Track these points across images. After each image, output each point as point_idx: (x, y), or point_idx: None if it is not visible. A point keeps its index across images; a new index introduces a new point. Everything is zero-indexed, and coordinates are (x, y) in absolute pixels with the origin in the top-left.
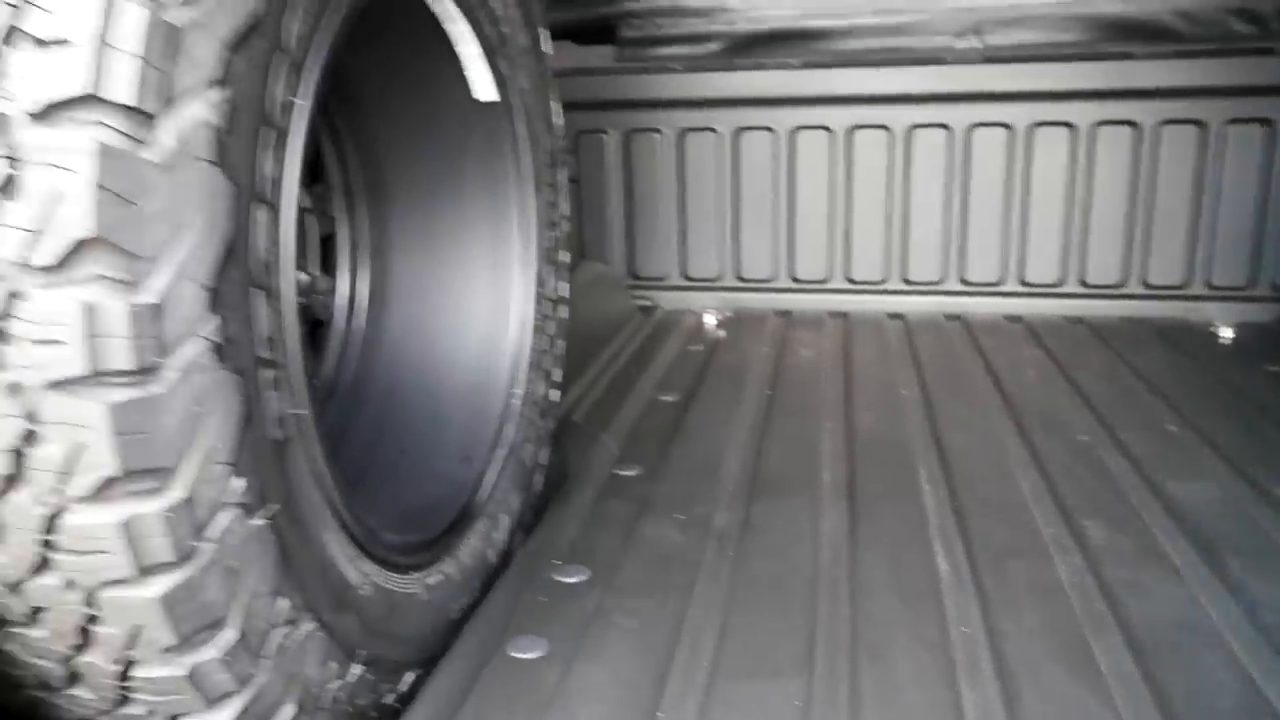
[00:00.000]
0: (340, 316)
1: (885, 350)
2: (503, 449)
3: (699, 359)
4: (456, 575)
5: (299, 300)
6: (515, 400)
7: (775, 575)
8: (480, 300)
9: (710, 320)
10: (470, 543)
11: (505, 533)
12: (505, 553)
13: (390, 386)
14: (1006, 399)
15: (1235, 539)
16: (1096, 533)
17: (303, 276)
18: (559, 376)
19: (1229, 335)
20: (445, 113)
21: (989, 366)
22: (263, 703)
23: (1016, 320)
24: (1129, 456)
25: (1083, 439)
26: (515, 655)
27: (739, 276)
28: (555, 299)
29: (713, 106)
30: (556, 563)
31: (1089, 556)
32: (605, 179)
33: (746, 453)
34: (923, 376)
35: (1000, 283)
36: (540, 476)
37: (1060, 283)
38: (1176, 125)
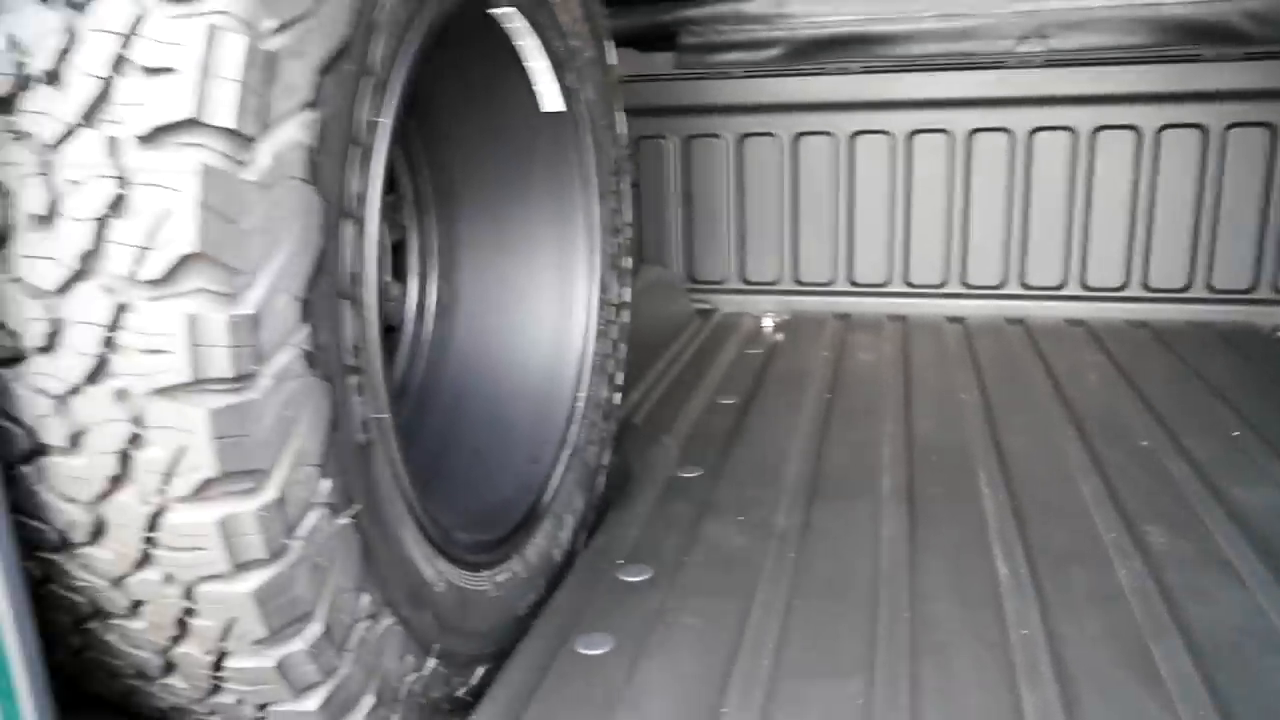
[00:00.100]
0: (410, 321)
1: (945, 354)
2: (568, 450)
3: (757, 362)
4: (523, 573)
5: None
6: (580, 403)
7: (836, 577)
8: (546, 305)
9: (769, 323)
10: (537, 542)
11: (570, 532)
12: (569, 552)
13: (458, 389)
14: (1067, 403)
15: None
16: (1158, 538)
17: None
18: (620, 379)
19: None
20: (513, 123)
21: (1050, 370)
22: (345, 693)
23: (1078, 324)
24: (1191, 461)
25: (1144, 444)
26: (582, 651)
27: (797, 280)
28: (618, 304)
29: (772, 111)
30: (620, 562)
31: (1150, 562)
32: (665, 184)
33: (806, 456)
34: (982, 380)
35: (1062, 286)
36: (603, 478)
37: (1123, 286)
38: (1244, 128)
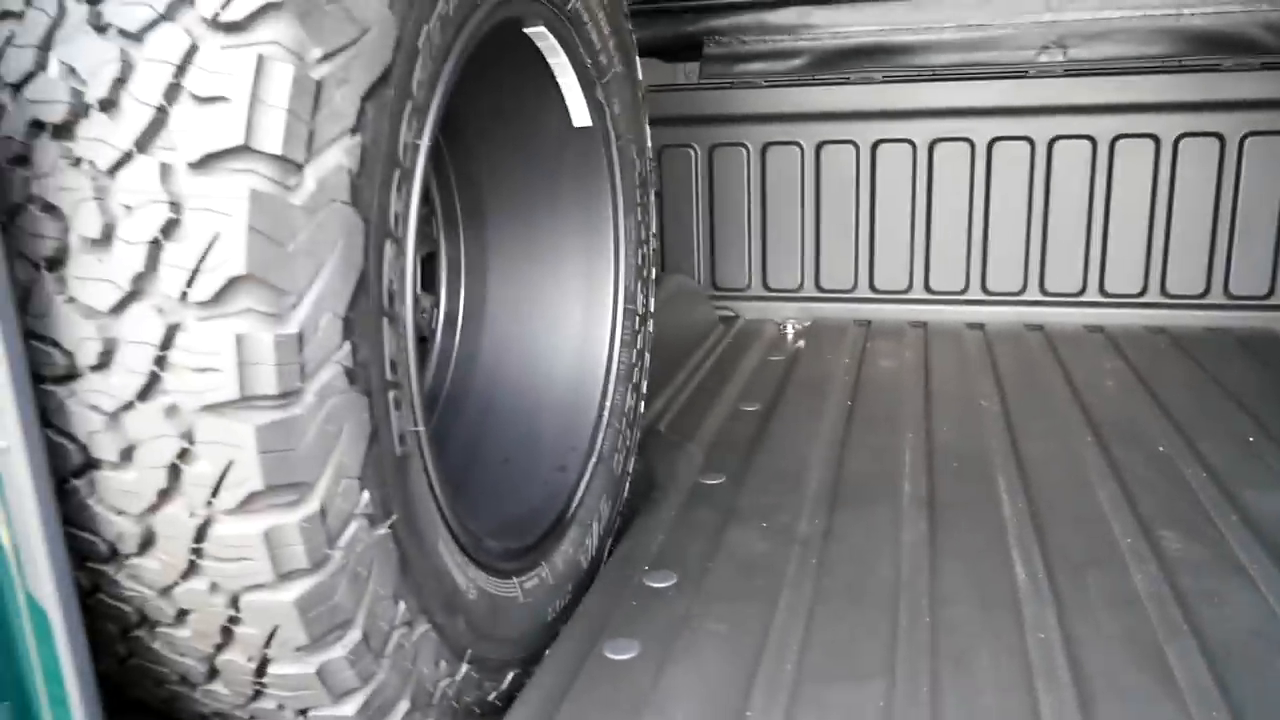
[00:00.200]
0: (439, 332)
1: (965, 360)
2: (594, 458)
3: (780, 369)
4: (551, 580)
5: None
6: (606, 411)
7: (857, 583)
8: (573, 316)
9: (790, 330)
10: (564, 549)
11: (596, 539)
12: (596, 558)
13: (487, 399)
14: (1086, 410)
15: None
16: (1173, 543)
17: None
18: (645, 388)
19: None
20: (542, 137)
21: (1068, 377)
22: (382, 698)
23: (1097, 330)
24: (1207, 467)
25: (1161, 449)
26: (610, 656)
27: (819, 286)
28: (643, 314)
29: (795, 121)
30: (645, 568)
31: (1165, 566)
32: (689, 192)
33: (828, 462)
34: (1002, 387)
35: (1081, 293)
36: (628, 485)
37: (1142, 293)
38: (1261, 137)
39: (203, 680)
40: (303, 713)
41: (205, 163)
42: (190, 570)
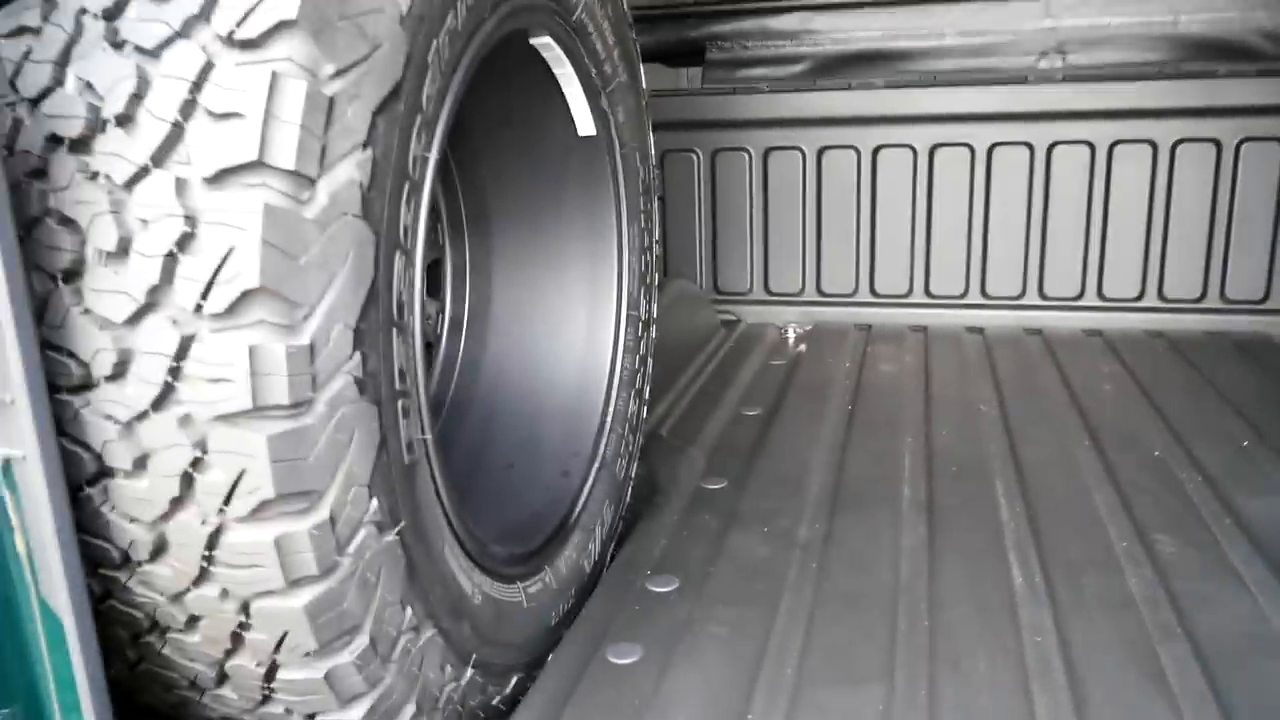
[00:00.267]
0: (444, 338)
1: (964, 365)
2: (597, 464)
3: (781, 373)
4: (554, 584)
5: None
6: (609, 417)
7: (857, 587)
8: (577, 322)
9: (792, 334)
10: (567, 553)
11: (599, 544)
12: (598, 563)
13: (491, 404)
14: (1084, 414)
15: None
16: (1167, 547)
17: None
18: (647, 393)
19: None
20: (547, 145)
21: (1066, 381)
22: (389, 703)
23: (1096, 334)
24: (1202, 472)
25: (1157, 454)
26: (613, 660)
27: (820, 291)
28: (646, 320)
29: (797, 126)
30: (648, 573)
31: (1159, 570)
32: (692, 196)
33: (828, 467)
34: (1001, 391)
35: (1080, 297)
36: (630, 489)
37: (1139, 297)
38: (1257, 143)
39: (212, 685)
40: (310, 717)
41: (220, 177)
42: (202, 577)
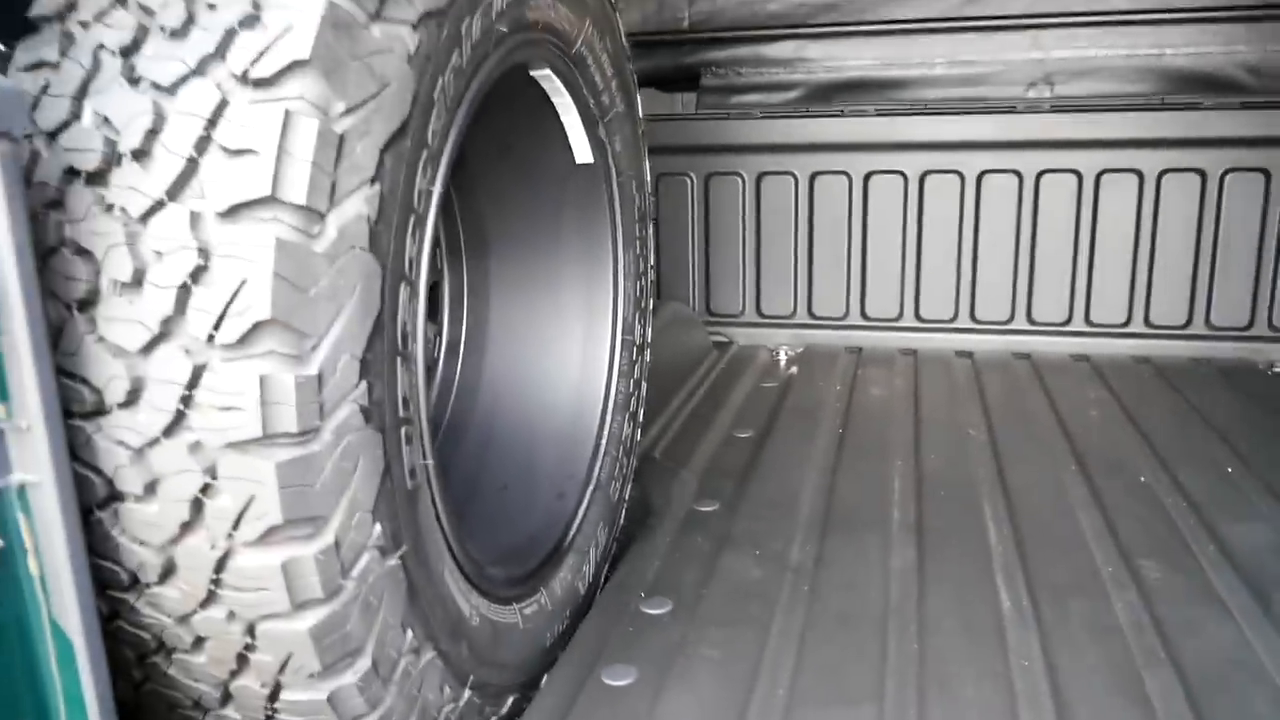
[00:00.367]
0: (441, 361)
1: (954, 388)
2: (592, 486)
3: (772, 395)
4: (549, 605)
5: None
6: (604, 440)
7: (848, 610)
8: (572, 346)
9: (783, 356)
10: (563, 575)
11: (593, 565)
12: (593, 584)
13: (487, 427)
14: (1070, 439)
15: None
16: (1152, 572)
17: None
18: (641, 416)
19: None
20: (545, 173)
21: (1054, 406)
22: None
23: (1083, 359)
24: (1187, 497)
25: (1143, 480)
26: (608, 682)
27: (811, 313)
28: (640, 344)
29: (790, 151)
30: (642, 595)
31: (1144, 595)
32: (685, 219)
33: (819, 490)
34: (989, 415)
35: (1067, 322)
36: (624, 511)
37: (1126, 323)
38: (1241, 173)
39: (216, 705)
40: None
41: (233, 212)
42: (209, 599)
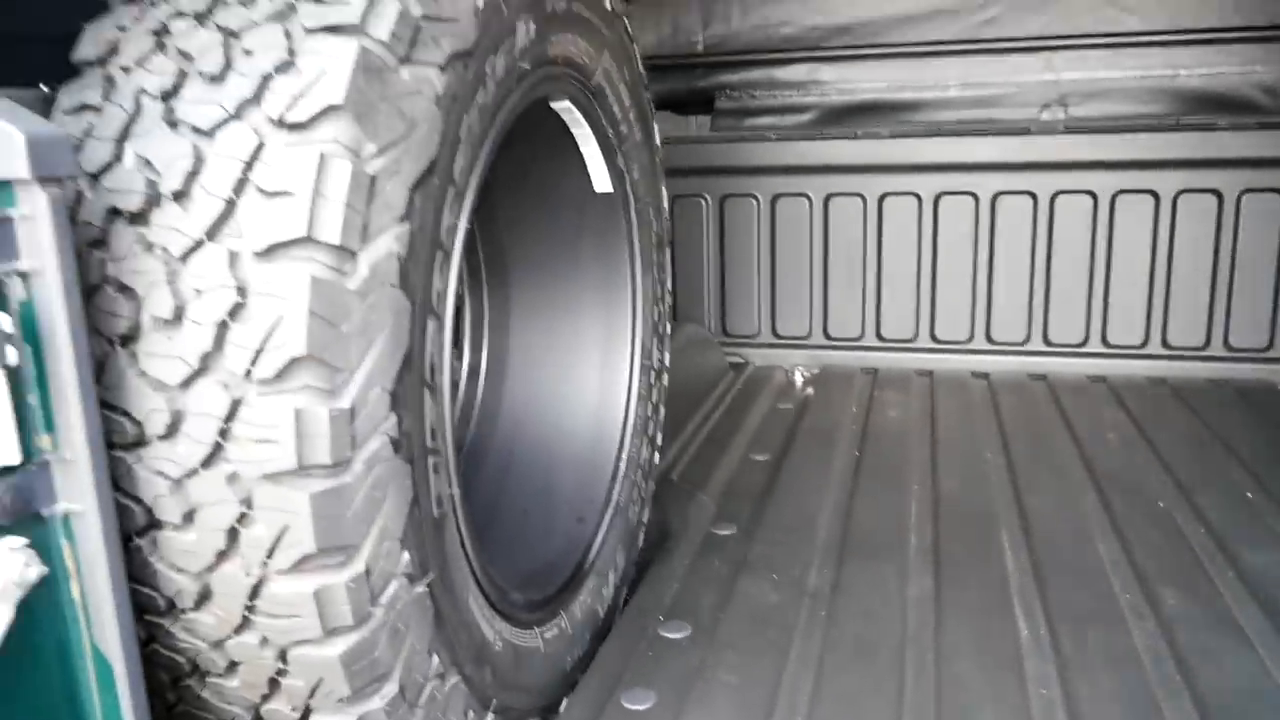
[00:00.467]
0: (462, 387)
1: (970, 410)
2: (611, 510)
3: (789, 417)
4: (570, 629)
5: None
6: (623, 464)
7: (865, 637)
8: (592, 371)
9: (799, 377)
10: (583, 599)
11: (613, 589)
12: (611, 608)
13: (508, 452)
14: (1088, 463)
15: None
16: (1170, 599)
17: None
18: (660, 440)
19: None
20: (564, 201)
21: (1071, 428)
22: None
23: (1100, 381)
24: (1205, 523)
25: (1161, 505)
26: (628, 706)
27: (827, 335)
28: (659, 368)
29: (804, 173)
30: (660, 619)
31: (1162, 623)
32: (701, 240)
33: (836, 514)
34: (1006, 439)
35: (1084, 344)
36: (642, 535)
37: (1143, 344)
38: (1258, 194)
39: None
40: None
41: (270, 251)
42: (243, 625)
